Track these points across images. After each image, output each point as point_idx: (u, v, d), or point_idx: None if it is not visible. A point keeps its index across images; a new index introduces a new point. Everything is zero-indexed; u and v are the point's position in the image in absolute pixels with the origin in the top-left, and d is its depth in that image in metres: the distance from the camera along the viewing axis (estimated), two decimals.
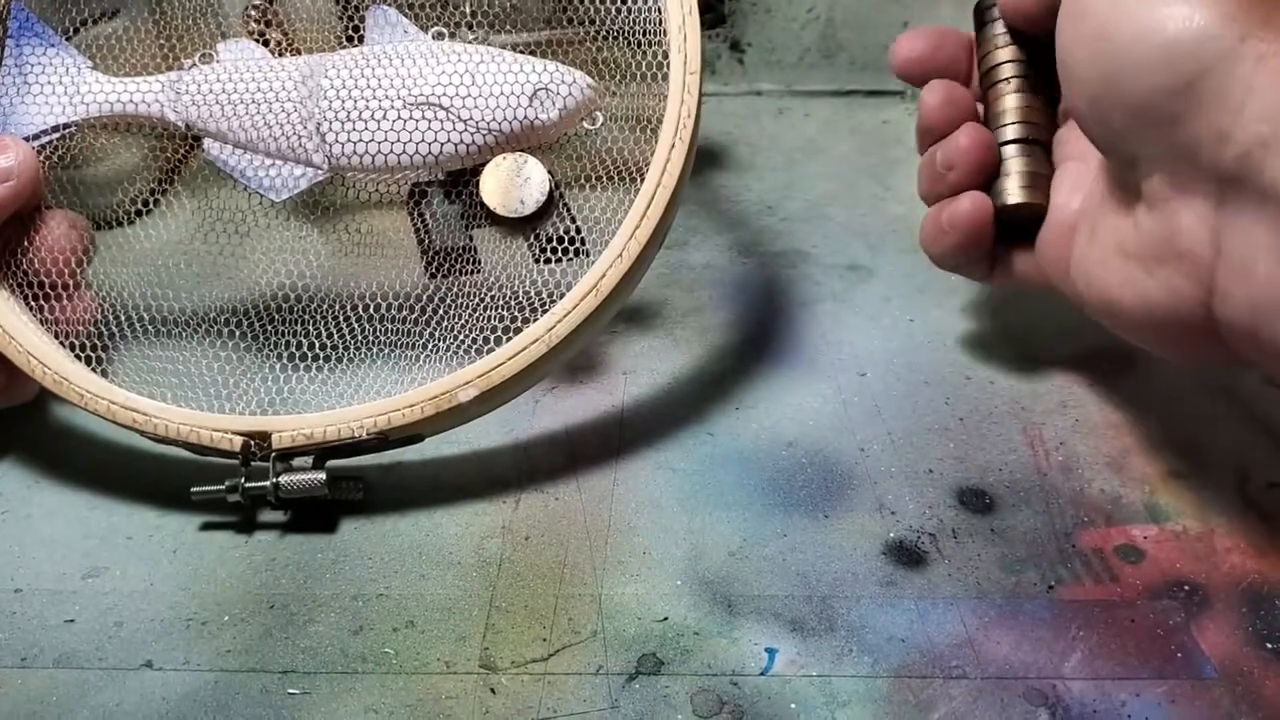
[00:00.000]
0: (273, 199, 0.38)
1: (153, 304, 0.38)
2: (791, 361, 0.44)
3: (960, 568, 0.34)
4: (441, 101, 0.37)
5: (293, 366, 0.37)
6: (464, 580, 0.33)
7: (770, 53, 0.69)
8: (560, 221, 0.38)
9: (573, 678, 0.30)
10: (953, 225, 0.39)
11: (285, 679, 0.30)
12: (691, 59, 0.36)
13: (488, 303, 0.37)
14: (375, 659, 0.31)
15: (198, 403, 0.36)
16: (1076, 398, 0.41)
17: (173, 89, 0.38)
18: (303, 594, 0.33)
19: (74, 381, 0.35)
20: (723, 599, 0.33)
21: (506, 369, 0.34)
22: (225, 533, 0.35)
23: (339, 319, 0.38)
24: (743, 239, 0.54)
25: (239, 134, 0.38)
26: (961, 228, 0.39)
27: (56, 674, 0.31)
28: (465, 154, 0.37)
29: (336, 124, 0.37)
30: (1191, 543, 0.35)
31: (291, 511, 0.36)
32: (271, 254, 0.39)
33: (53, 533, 0.36)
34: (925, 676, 0.30)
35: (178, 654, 0.31)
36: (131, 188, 0.41)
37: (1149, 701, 0.29)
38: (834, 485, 0.37)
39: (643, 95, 0.38)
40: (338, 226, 0.41)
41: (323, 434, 0.34)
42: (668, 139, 0.36)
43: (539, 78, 0.37)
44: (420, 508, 0.36)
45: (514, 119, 0.37)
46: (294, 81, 0.38)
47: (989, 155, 0.39)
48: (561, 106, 0.37)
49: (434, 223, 0.38)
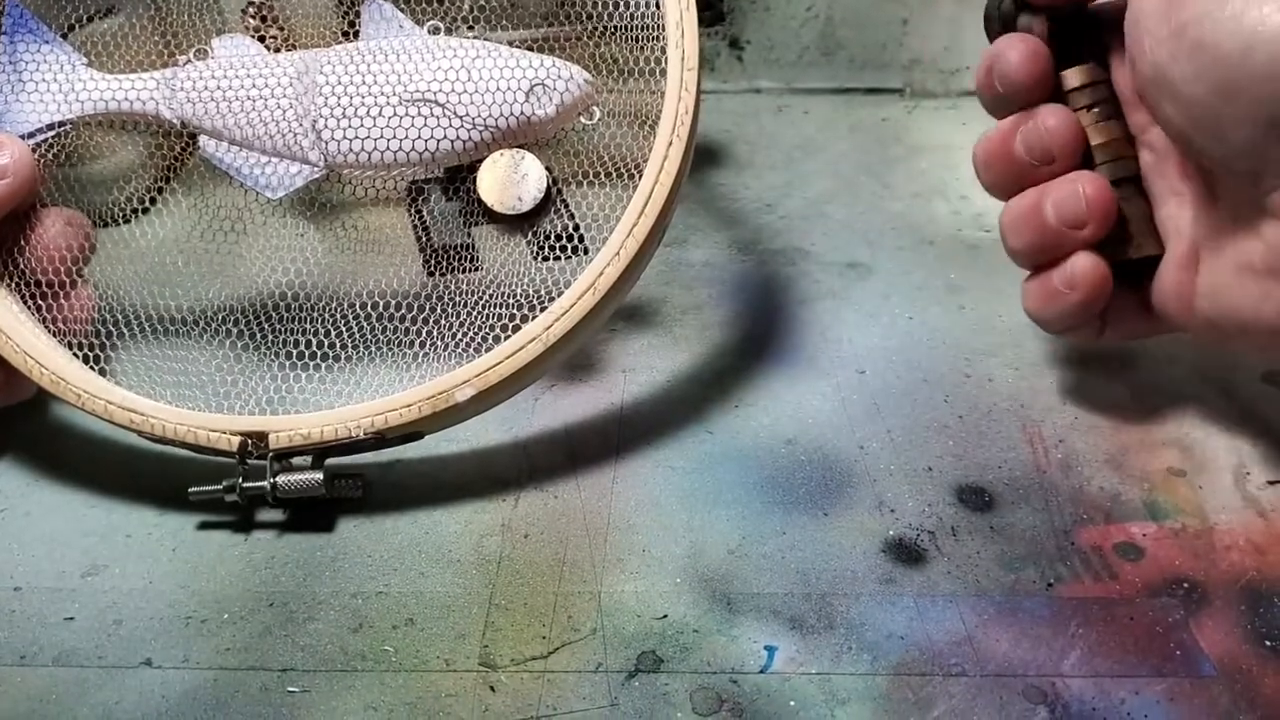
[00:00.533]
0: (269, 196, 0.38)
1: (150, 303, 0.38)
2: (791, 359, 0.44)
3: (959, 565, 0.34)
4: (437, 98, 0.37)
5: (290, 366, 0.37)
6: (463, 578, 0.33)
7: (769, 50, 0.69)
8: (559, 219, 0.38)
9: (572, 675, 0.30)
10: (1073, 286, 0.36)
11: (285, 677, 0.30)
12: (689, 55, 0.36)
13: (485, 301, 0.37)
14: (375, 657, 0.31)
15: (195, 402, 0.36)
16: (1076, 395, 0.41)
17: (168, 86, 0.38)
18: (302, 592, 0.33)
19: (71, 381, 0.35)
20: (722, 597, 0.33)
21: (504, 368, 0.34)
22: (224, 531, 0.35)
23: (336, 318, 0.38)
24: (742, 236, 0.54)
25: (234, 131, 0.38)
26: (1084, 287, 0.35)
27: (56, 672, 0.31)
28: (461, 150, 0.37)
29: (332, 121, 0.37)
30: (1190, 540, 0.35)
31: (290, 510, 0.36)
32: (269, 253, 0.39)
33: (52, 531, 0.36)
34: (924, 674, 0.30)
35: (177, 652, 0.31)
36: (128, 186, 0.41)
37: (1148, 699, 0.29)
38: (833, 483, 0.37)
39: (640, 92, 0.37)
40: (335, 225, 0.40)
41: (320, 434, 0.34)
42: (665, 136, 0.36)
43: (535, 73, 0.37)
44: (420, 506, 0.36)
45: (510, 114, 0.37)
46: (289, 78, 0.38)
47: (1114, 202, 0.35)
48: (558, 102, 0.37)
49: (432, 220, 0.38)
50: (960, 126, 0.65)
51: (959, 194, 0.57)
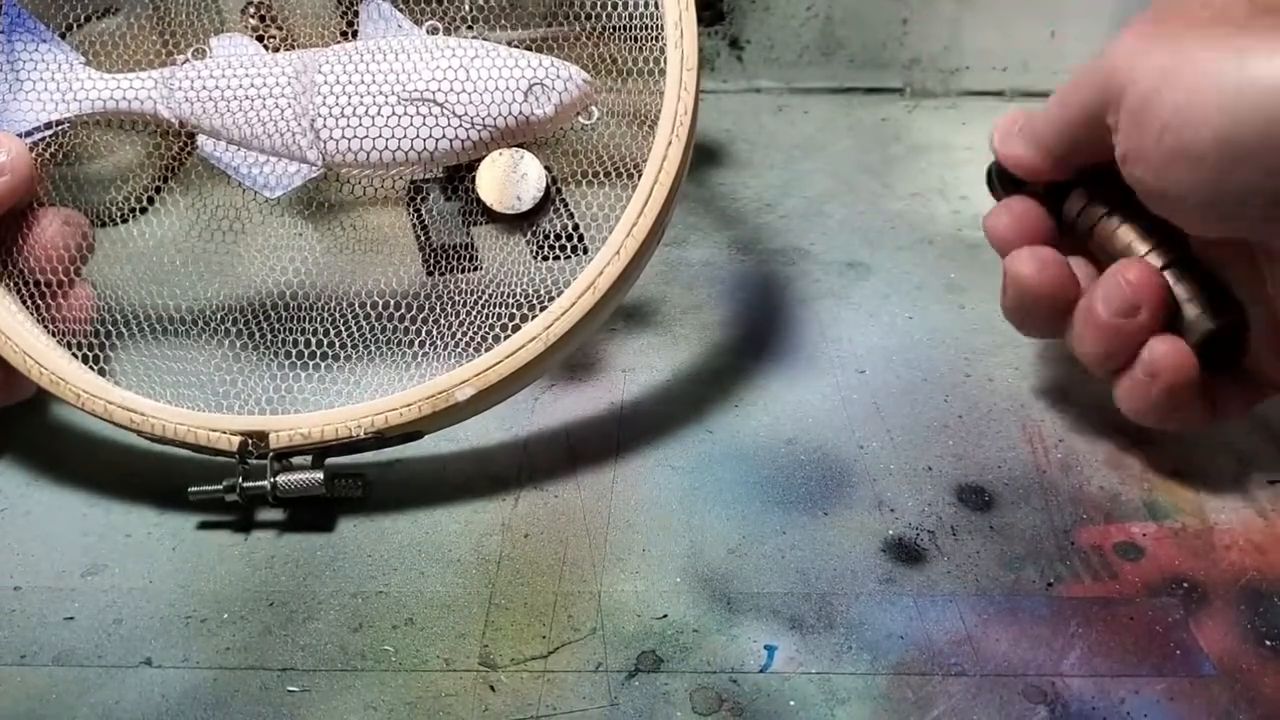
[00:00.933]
0: (267, 196, 0.38)
1: (149, 303, 0.38)
2: (790, 359, 0.44)
3: (959, 565, 0.34)
4: (436, 97, 0.37)
5: (290, 365, 0.37)
6: (464, 578, 0.33)
7: (769, 50, 0.69)
8: (558, 218, 0.38)
9: (572, 675, 0.30)
10: (1154, 373, 0.34)
11: (285, 676, 0.30)
12: (688, 55, 0.36)
13: (485, 301, 0.37)
14: (375, 656, 0.31)
15: (195, 402, 0.36)
16: (1076, 395, 0.41)
17: (166, 85, 0.38)
18: (302, 591, 0.33)
19: (71, 381, 0.35)
20: (722, 596, 0.33)
21: (504, 367, 0.34)
22: (224, 530, 0.35)
23: (336, 318, 0.38)
24: (741, 236, 0.53)
25: (232, 130, 0.38)
26: (1166, 372, 0.34)
27: (56, 671, 0.31)
28: (460, 150, 0.37)
29: (330, 120, 0.37)
30: (1190, 540, 0.35)
31: (290, 509, 0.36)
32: (268, 252, 0.39)
33: (52, 530, 0.36)
34: (924, 674, 0.30)
35: (177, 651, 0.31)
36: (126, 185, 0.41)
37: (1148, 698, 0.29)
38: (833, 482, 0.37)
39: (640, 92, 0.37)
40: (334, 225, 0.40)
41: (320, 433, 0.34)
42: (665, 135, 0.36)
43: (534, 72, 0.37)
44: (420, 505, 0.36)
45: (509, 114, 0.37)
46: (287, 77, 0.38)
47: (1161, 280, 0.34)
48: (557, 101, 0.37)
49: (432, 220, 0.38)
50: (960, 126, 0.65)
51: (959, 194, 0.57)
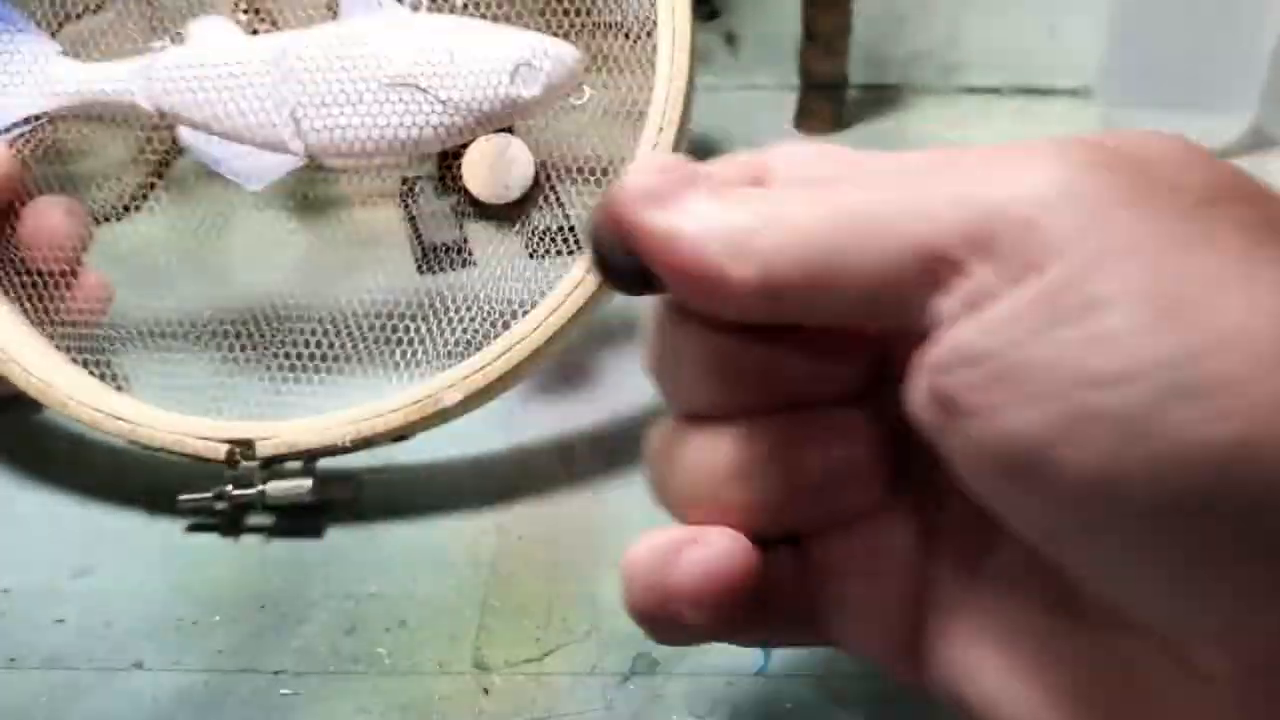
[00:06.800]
0: (250, 188, 0.37)
1: (135, 307, 0.38)
2: None
3: None
4: (419, 81, 0.35)
5: (276, 367, 0.36)
6: (457, 580, 0.33)
7: (765, 45, 0.69)
8: (550, 211, 0.37)
9: (567, 677, 0.30)
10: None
11: (277, 679, 0.30)
12: (680, 42, 0.35)
13: (473, 302, 0.36)
14: (367, 659, 0.31)
15: (182, 409, 0.35)
16: None
17: (144, 74, 0.37)
18: (294, 594, 0.33)
19: (58, 387, 0.35)
20: None
21: (491, 370, 0.34)
22: (215, 533, 0.35)
23: (323, 322, 0.37)
24: None
25: (212, 121, 0.37)
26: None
27: (46, 674, 0.30)
28: (445, 136, 0.36)
29: (311, 109, 0.36)
30: None
31: (282, 514, 0.36)
32: (254, 255, 0.38)
33: (41, 531, 0.36)
34: None
35: (168, 654, 0.31)
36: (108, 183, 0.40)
37: None
38: None
39: (632, 85, 0.37)
40: (321, 225, 0.40)
41: (306, 440, 0.34)
42: (654, 124, 0.35)
43: (520, 52, 0.35)
44: (412, 507, 0.36)
45: (495, 97, 0.35)
46: (266, 65, 0.36)
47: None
48: (545, 82, 0.35)
49: (422, 219, 0.38)
50: (958, 122, 0.65)
51: None
